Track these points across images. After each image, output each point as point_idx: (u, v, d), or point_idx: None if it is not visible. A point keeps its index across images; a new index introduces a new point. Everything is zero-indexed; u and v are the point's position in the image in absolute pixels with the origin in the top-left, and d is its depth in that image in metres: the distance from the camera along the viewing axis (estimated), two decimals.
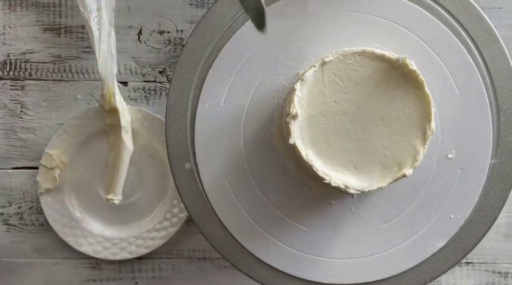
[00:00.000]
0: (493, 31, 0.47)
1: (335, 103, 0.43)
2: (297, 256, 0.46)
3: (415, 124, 0.42)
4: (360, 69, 0.43)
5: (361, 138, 0.43)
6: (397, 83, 0.42)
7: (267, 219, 0.46)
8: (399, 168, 0.42)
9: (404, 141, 0.42)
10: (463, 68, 0.46)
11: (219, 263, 0.62)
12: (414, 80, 0.42)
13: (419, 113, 0.42)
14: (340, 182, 0.42)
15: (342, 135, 0.43)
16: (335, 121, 0.43)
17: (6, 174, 0.62)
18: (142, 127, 0.60)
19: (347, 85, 0.43)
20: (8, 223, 0.62)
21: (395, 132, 0.42)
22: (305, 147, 0.42)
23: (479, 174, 0.46)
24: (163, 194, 0.61)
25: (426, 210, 0.46)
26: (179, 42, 0.62)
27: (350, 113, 0.43)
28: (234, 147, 0.46)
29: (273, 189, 0.46)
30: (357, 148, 0.43)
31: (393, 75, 0.43)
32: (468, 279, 0.62)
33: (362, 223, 0.46)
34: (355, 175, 0.42)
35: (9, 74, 0.62)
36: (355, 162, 0.43)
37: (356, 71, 0.43)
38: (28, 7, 0.61)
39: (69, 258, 0.62)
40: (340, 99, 0.43)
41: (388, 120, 0.42)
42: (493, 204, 0.47)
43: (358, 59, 0.43)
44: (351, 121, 0.43)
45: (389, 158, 0.42)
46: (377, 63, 0.43)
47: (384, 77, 0.43)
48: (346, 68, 0.43)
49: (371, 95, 0.43)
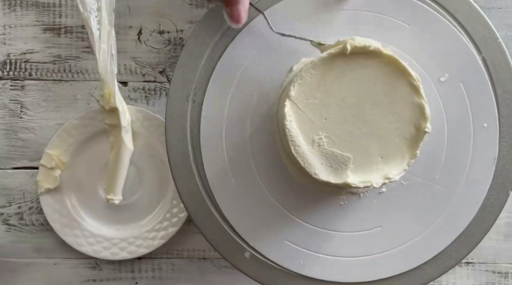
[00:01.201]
0: (493, 31, 0.47)
1: (325, 120, 0.43)
2: (299, 253, 0.46)
3: (400, 86, 0.42)
4: (319, 77, 0.43)
5: (368, 130, 0.42)
6: (359, 63, 0.42)
7: (270, 216, 0.46)
8: (416, 128, 0.42)
9: (403, 105, 0.42)
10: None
11: (219, 263, 0.62)
12: (370, 52, 0.42)
13: (396, 76, 0.42)
14: (379, 177, 0.42)
15: (352, 139, 0.43)
16: (337, 133, 0.43)
17: (6, 174, 0.62)
18: (142, 127, 0.60)
19: (322, 97, 0.43)
20: (8, 223, 0.62)
21: (391, 103, 0.42)
22: (330, 173, 0.42)
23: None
24: (163, 194, 0.61)
25: (431, 211, 0.46)
26: (179, 42, 0.62)
27: (344, 117, 0.43)
28: (238, 146, 0.46)
29: (278, 188, 0.46)
30: (370, 139, 0.42)
31: (387, 67, 0.43)
32: (468, 279, 0.62)
33: (367, 222, 0.46)
34: (386, 163, 0.42)
35: (9, 74, 0.62)
36: (379, 152, 0.42)
37: (318, 81, 0.43)
38: (28, 7, 0.61)
39: (69, 258, 0.62)
40: (326, 113, 0.43)
41: (377, 98, 0.42)
42: (494, 203, 0.47)
43: (312, 71, 0.43)
44: (350, 122, 0.43)
45: (402, 126, 0.42)
46: (371, 58, 0.43)
47: (344, 66, 0.42)
48: (309, 86, 0.43)
49: (346, 87, 0.43)
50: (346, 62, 0.42)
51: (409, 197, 0.46)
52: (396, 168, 0.42)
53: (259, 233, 0.46)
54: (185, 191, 0.47)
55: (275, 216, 0.46)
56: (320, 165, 0.42)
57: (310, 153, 0.42)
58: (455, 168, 0.46)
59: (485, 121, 0.46)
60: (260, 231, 0.46)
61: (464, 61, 0.46)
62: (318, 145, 0.42)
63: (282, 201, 0.46)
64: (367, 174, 0.42)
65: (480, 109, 0.46)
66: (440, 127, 0.46)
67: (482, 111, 0.46)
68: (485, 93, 0.46)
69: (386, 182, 0.42)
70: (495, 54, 0.47)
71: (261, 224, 0.46)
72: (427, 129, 0.42)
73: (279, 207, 0.46)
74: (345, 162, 0.42)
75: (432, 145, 0.46)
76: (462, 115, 0.46)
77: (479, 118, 0.46)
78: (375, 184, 0.42)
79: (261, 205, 0.46)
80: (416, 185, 0.46)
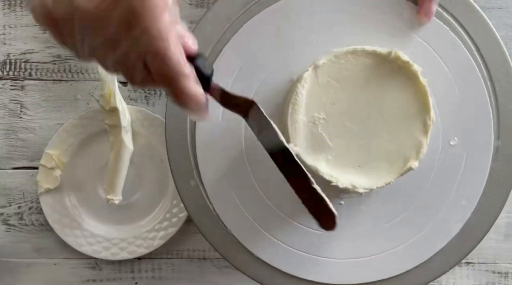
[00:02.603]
0: (493, 31, 0.47)
1: (334, 104, 0.43)
2: (298, 256, 0.46)
3: (414, 116, 0.42)
4: (353, 67, 0.43)
5: (363, 137, 0.43)
6: (392, 77, 0.43)
7: (268, 219, 0.46)
8: (405, 161, 0.42)
9: (406, 134, 0.42)
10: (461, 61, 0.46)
11: (219, 263, 0.62)
12: (408, 71, 0.42)
13: (418, 105, 0.42)
14: (347, 182, 0.42)
15: (344, 136, 0.43)
16: (335, 123, 0.43)
17: (6, 174, 0.62)
18: (142, 127, 0.60)
19: (343, 85, 0.43)
20: (8, 223, 0.62)
21: (396, 126, 0.42)
22: (307, 152, 0.42)
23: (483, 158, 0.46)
24: (163, 194, 0.61)
25: (430, 209, 0.46)
26: None
27: (349, 113, 0.43)
28: (235, 147, 0.46)
29: (275, 190, 0.46)
30: (360, 146, 0.43)
31: (386, 70, 0.43)
32: (468, 279, 0.62)
33: (366, 223, 0.46)
34: (361, 173, 0.42)
35: (9, 74, 0.62)
36: (360, 160, 0.43)
37: (349, 70, 0.43)
38: None
39: (69, 258, 0.62)
40: (338, 100, 0.43)
41: (387, 115, 0.42)
42: (494, 203, 0.47)
43: (350, 58, 0.43)
44: (351, 121, 0.43)
45: (394, 152, 0.42)
46: (370, 59, 0.43)
47: (378, 72, 0.43)
48: (339, 69, 0.43)
49: (367, 92, 0.43)
50: (379, 68, 0.42)
51: (407, 197, 0.46)
52: (367, 182, 0.42)
53: (256, 236, 0.46)
54: (185, 191, 0.47)
55: (271, 218, 0.46)
56: (304, 140, 0.42)
57: (303, 125, 0.42)
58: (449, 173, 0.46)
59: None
60: (258, 235, 0.46)
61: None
62: (313, 122, 0.42)
63: (278, 203, 0.46)
64: (339, 173, 0.42)
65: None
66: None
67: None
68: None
69: (350, 187, 0.42)
70: (495, 54, 0.47)
71: (257, 226, 0.46)
72: (413, 166, 0.42)
73: (274, 209, 0.46)
74: (325, 150, 0.42)
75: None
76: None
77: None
78: (340, 184, 0.42)
79: (258, 207, 0.46)
80: (412, 185, 0.46)
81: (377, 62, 0.42)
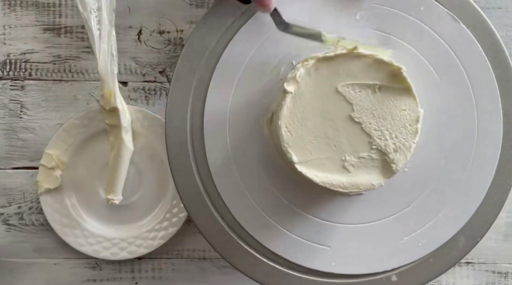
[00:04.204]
0: (493, 31, 0.47)
1: (325, 106, 0.43)
2: (303, 245, 0.46)
3: (404, 121, 0.42)
4: (347, 70, 0.43)
5: (353, 139, 0.43)
6: (386, 81, 0.42)
7: (276, 209, 0.46)
8: (394, 164, 0.42)
9: (395, 138, 0.42)
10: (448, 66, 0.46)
11: (219, 263, 0.62)
12: (401, 79, 0.42)
13: (408, 112, 0.42)
14: (338, 185, 0.42)
15: (334, 138, 0.43)
16: (326, 125, 0.43)
17: (6, 174, 0.62)
18: (142, 127, 0.60)
19: (336, 87, 0.43)
20: (8, 223, 0.62)
21: (387, 130, 0.43)
22: (297, 154, 0.42)
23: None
24: (163, 194, 0.61)
25: (434, 202, 0.46)
26: (179, 42, 0.62)
27: (341, 115, 0.43)
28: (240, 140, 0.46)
29: (283, 184, 0.46)
30: (351, 148, 0.43)
31: (380, 74, 0.43)
32: (468, 279, 0.62)
33: (371, 213, 0.46)
34: (353, 176, 0.43)
35: (9, 74, 0.62)
36: (351, 163, 0.43)
37: (343, 72, 0.43)
38: (28, 7, 0.61)
39: (69, 258, 0.62)
40: (330, 102, 0.43)
41: (379, 118, 0.42)
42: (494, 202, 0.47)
43: (345, 60, 0.43)
44: (343, 122, 0.43)
45: (382, 155, 0.43)
46: (364, 62, 0.43)
47: (372, 76, 0.42)
48: (334, 70, 0.43)
49: (359, 94, 0.43)
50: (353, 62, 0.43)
51: (416, 188, 0.46)
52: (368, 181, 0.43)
53: (263, 227, 0.46)
54: (185, 191, 0.47)
55: (279, 209, 0.46)
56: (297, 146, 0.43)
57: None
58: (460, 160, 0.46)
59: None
60: (264, 224, 0.46)
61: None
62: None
63: (285, 193, 0.46)
64: (313, 167, 0.43)
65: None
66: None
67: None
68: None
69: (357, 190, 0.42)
70: (495, 54, 0.47)
71: (265, 216, 0.46)
72: (399, 168, 0.42)
73: (282, 200, 0.46)
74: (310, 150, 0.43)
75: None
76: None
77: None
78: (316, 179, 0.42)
79: (267, 199, 0.46)
80: (422, 175, 0.46)
81: (373, 66, 0.43)
